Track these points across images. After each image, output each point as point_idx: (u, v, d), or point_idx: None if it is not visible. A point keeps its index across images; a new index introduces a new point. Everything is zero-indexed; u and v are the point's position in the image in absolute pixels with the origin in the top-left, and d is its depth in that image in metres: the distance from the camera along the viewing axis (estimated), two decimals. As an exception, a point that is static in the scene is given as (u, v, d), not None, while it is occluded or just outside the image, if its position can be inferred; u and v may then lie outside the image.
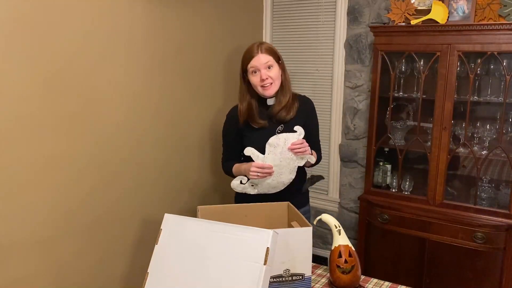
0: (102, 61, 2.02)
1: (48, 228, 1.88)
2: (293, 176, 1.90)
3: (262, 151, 1.87)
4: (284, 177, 1.89)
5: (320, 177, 2.11)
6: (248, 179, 1.91)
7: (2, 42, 1.63)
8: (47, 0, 1.75)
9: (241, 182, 1.93)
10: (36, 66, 1.75)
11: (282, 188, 1.93)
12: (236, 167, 2.03)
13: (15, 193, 1.74)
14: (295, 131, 1.86)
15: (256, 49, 1.92)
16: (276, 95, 1.98)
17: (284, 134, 1.86)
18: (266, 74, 1.90)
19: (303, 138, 1.86)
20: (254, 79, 1.92)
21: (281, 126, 1.95)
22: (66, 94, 1.88)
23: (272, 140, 1.85)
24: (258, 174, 1.84)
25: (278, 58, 1.97)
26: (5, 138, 1.68)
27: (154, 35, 2.28)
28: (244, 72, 1.97)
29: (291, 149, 1.83)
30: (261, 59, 1.90)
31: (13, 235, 1.76)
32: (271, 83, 1.91)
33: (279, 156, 1.85)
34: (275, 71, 1.93)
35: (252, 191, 1.93)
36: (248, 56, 1.93)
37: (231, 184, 1.95)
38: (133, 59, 2.18)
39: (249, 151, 1.87)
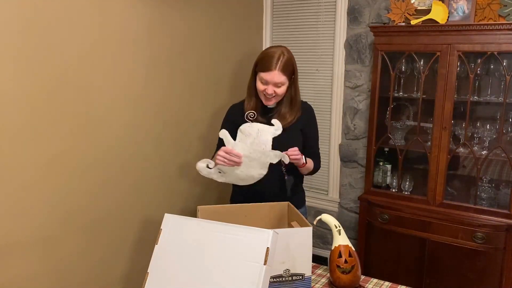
0: (105, 62, 2.02)
1: (49, 227, 1.89)
2: (264, 172, 1.76)
3: None
4: (253, 171, 1.75)
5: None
6: (216, 165, 1.77)
7: (10, 45, 1.65)
8: (49, 3, 1.76)
9: (207, 166, 1.77)
10: (40, 68, 1.76)
11: (252, 183, 1.81)
12: None
13: (17, 192, 1.75)
14: (273, 124, 1.74)
15: (275, 63, 1.80)
16: (277, 105, 1.92)
17: (258, 124, 1.72)
18: (272, 90, 1.83)
19: (300, 146, 1.82)
20: (261, 87, 1.86)
21: (253, 113, 1.83)
22: (68, 95, 1.88)
23: (245, 127, 1.71)
24: (225, 159, 1.70)
25: (292, 73, 1.87)
26: (7, 138, 1.69)
27: (154, 36, 2.28)
28: (255, 71, 1.90)
29: (288, 155, 1.74)
30: (275, 78, 1.81)
31: (14, 234, 1.76)
32: (274, 96, 1.87)
33: (249, 146, 1.71)
34: (283, 90, 1.86)
35: (218, 178, 1.80)
36: (264, 65, 1.83)
37: (196, 166, 1.78)
38: (135, 60, 2.18)
39: (222, 133, 1.74)
